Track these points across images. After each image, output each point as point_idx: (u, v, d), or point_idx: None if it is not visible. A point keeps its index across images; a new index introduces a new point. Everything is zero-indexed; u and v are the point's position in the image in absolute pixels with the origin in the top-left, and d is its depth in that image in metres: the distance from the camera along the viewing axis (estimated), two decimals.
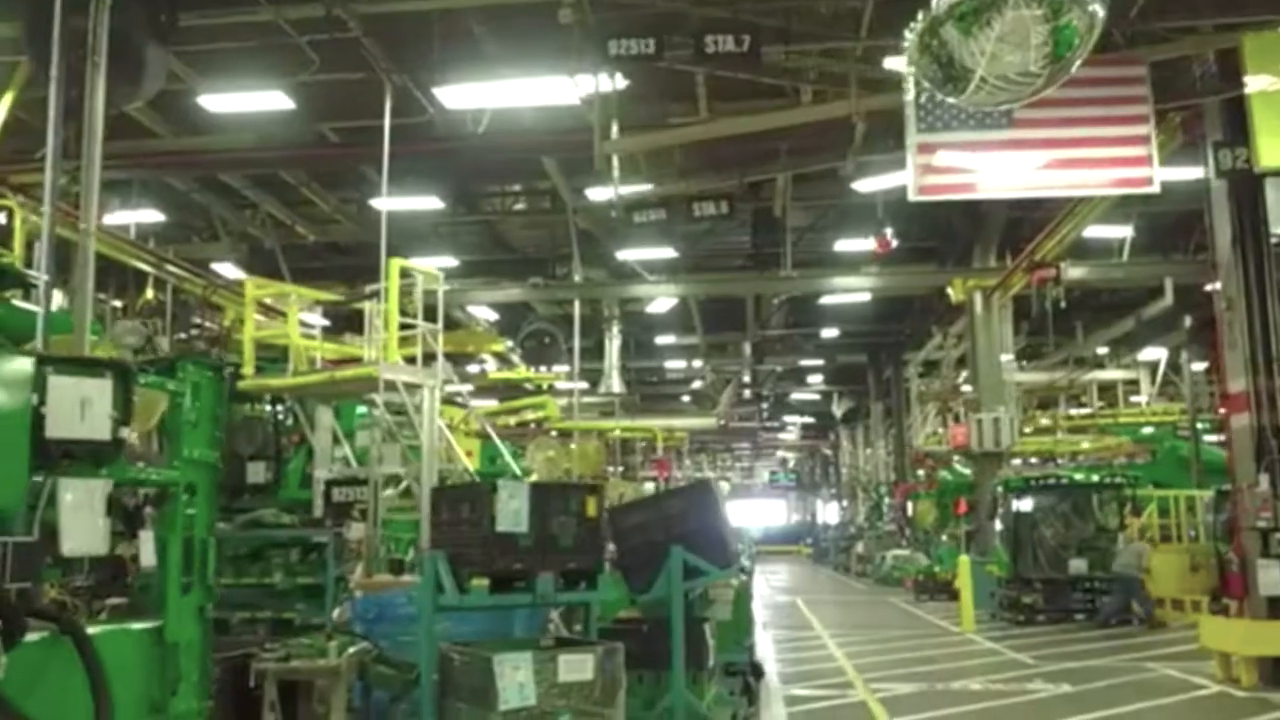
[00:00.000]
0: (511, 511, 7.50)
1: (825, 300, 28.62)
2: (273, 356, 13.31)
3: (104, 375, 3.21)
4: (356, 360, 13.20)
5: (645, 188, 14.52)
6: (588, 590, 7.85)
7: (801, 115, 13.86)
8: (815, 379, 42.41)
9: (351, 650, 8.26)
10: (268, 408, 12.76)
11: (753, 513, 58.93)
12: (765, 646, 15.90)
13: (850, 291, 25.58)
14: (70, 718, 2.78)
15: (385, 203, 16.03)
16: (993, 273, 22.57)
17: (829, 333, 33.67)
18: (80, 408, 3.17)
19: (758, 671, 12.03)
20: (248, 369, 12.22)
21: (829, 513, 56.44)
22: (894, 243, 18.47)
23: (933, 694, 11.84)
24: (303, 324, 14.26)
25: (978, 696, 11.66)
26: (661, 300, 27.32)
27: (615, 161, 13.37)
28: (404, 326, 12.37)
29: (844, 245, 23.77)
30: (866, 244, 23.69)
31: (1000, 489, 20.41)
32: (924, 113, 12.00)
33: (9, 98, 12.84)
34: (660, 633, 8.65)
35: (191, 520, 5.63)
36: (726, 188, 15.77)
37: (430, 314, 12.72)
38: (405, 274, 12.54)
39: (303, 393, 12.83)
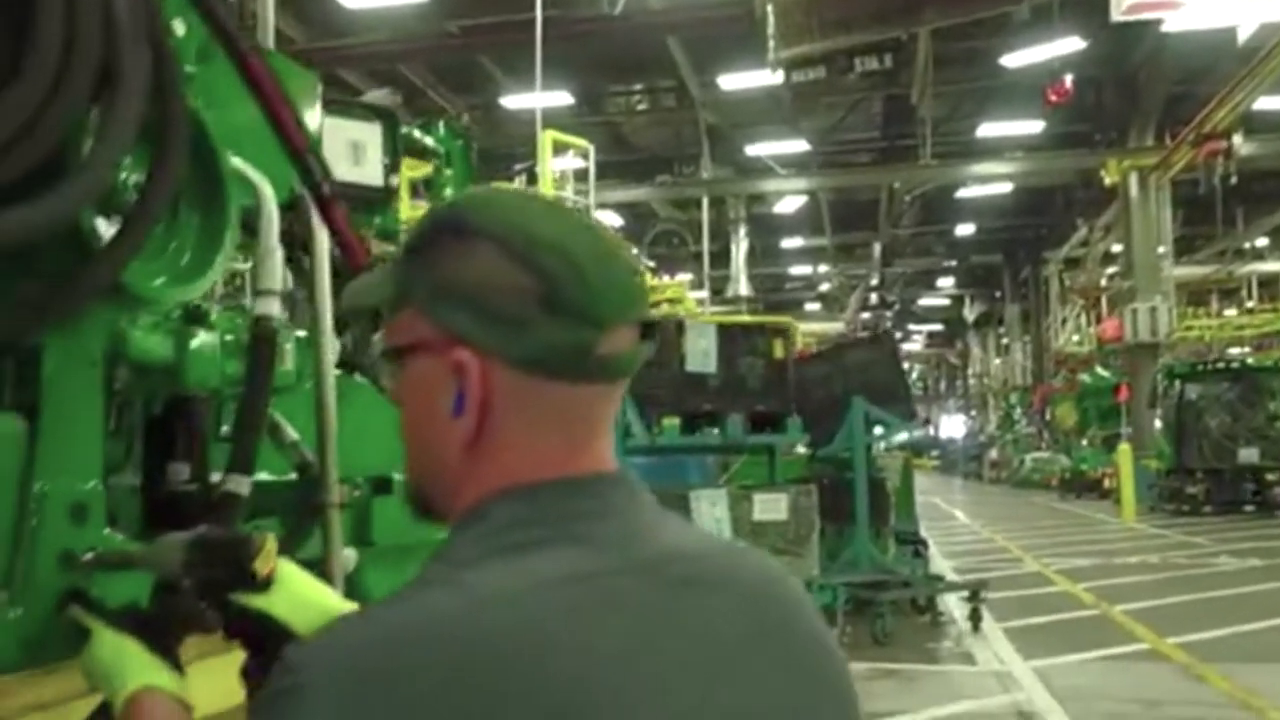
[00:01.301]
0: (700, 351, 7.35)
1: (961, 194, 27.53)
2: None
3: (374, 120, 3.03)
4: None
5: (802, 49, 13.92)
6: (775, 433, 7.70)
7: None
8: (945, 283, 41.10)
9: None
10: None
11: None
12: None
13: (992, 181, 24.51)
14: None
15: (536, 99, 15.81)
16: (1151, 151, 21.21)
17: (963, 230, 32.44)
18: (352, 151, 2.99)
19: (925, 545, 11.79)
20: None
21: (952, 425, 55.25)
22: (1070, 88, 17.12)
23: (1110, 566, 11.40)
24: None
25: (1160, 568, 11.18)
26: (789, 200, 26.70)
27: (771, 14, 12.78)
28: None
29: (987, 131, 22.66)
30: (1011, 128, 22.63)
31: (1162, 378, 19.42)
32: None
33: None
34: (840, 488, 8.47)
35: None
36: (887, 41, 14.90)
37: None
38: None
39: None
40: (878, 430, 8.79)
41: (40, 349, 1.37)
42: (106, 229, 1.13)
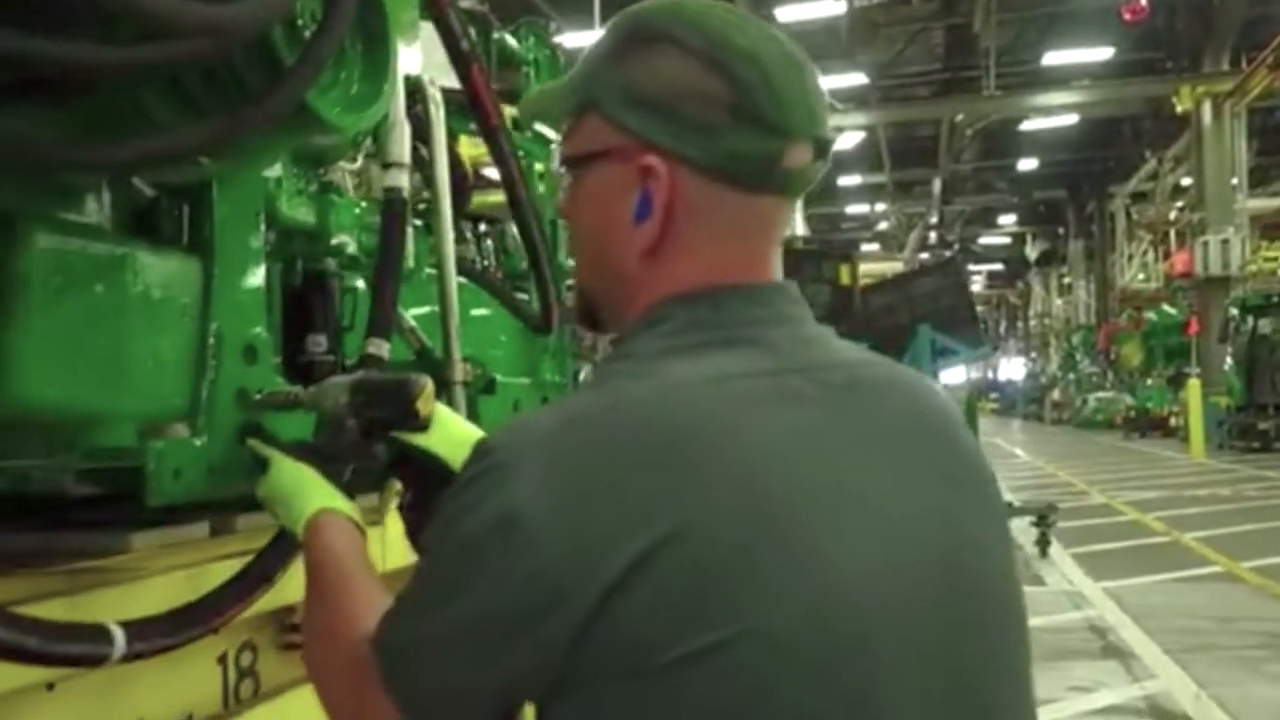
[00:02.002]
0: None
1: (1025, 127, 26.86)
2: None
3: (469, 26, 3.05)
4: None
5: None
6: None
7: None
8: (1007, 220, 40.29)
9: None
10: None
11: None
12: None
13: (1057, 112, 23.85)
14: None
15: (595, 36, 15.74)
16: (1226, 77, 20.46)
17: (1026, 165, 31.68)
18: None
19: None
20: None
21: (1012, 368, 54.47)
22: (1146, 6, 16.44)
23: (1179, 498, 11.28)
24: None
25: (1231, 500, 11.03)
26: (847, 136, 26.23)
27: None
28: None
29: (1053, 59, 22.00)
30: (1079, 55, 21.97)
31: (1235, 311, 18.94)
32: None
33: None
34: None
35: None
36: None
37: None
38: None
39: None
40: (945, 358, 8.74)
41: (210, 195, 1.46)
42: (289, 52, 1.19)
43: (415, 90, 2.02)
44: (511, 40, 4.05)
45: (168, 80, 1.10)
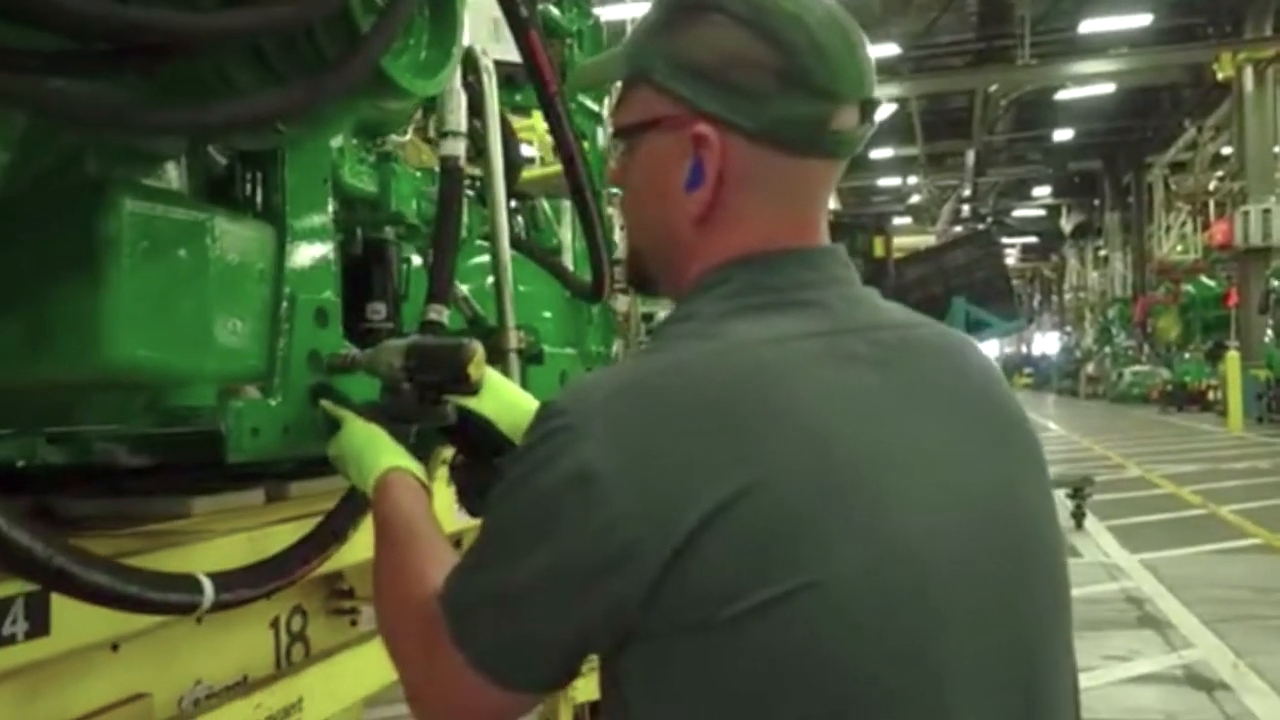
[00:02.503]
0: None
1: (1060, 97, 26.47)
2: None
3: None
4: None
5: None
6: None
7: None
8: (1041, 192, 39.76)
9: None
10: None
11: None
12: None
13: (1094, 81, 23.47)
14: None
15: (627, 10, 15.60)
16: (1270, 42, 20.05)
17: (1061, 136, 31.23)
18: (494, 27, 3.04)
19: None
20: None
21: (1046, 343, 53.93)
22: None
23: (1217, 472, 11.17)
24: None
25: (1270, 473, 10.92)
26: (880, 108, 26.01)
27: None
28: None
29: (1090, 27, 21.63)
30: (1116, 23, 21.59)
31: (1276, 283, 18.64)
32: None
33: None
34: None
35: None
36: None
37: None
38: None
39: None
40: (979, 330, 8.71)
41: (281, 164, 1.51)
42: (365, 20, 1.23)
43: (468, 61, 2.05)
44: (555, 11, 4.06)
45: (249, 48, 1.15)
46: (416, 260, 2.09)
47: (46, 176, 1.22)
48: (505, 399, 1.26)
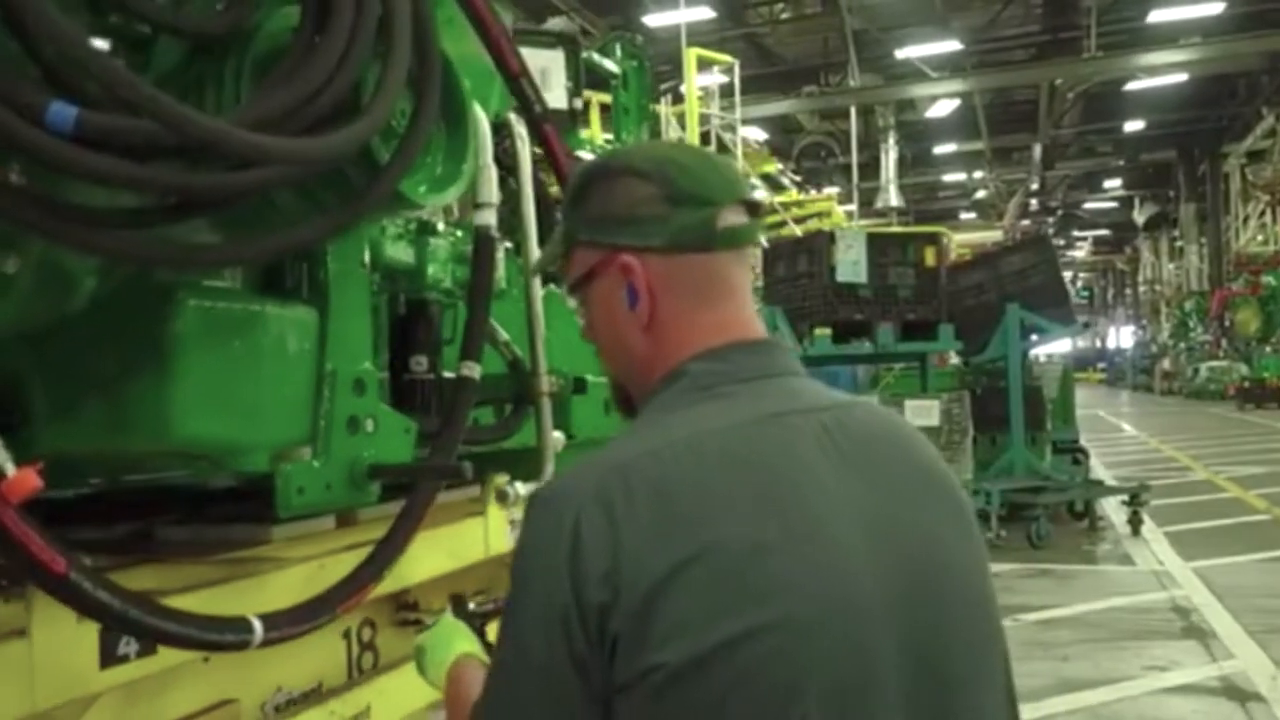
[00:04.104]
0: (850, 261, 7.45)
1: (1130, 88, 25.86)
2: None
3: (557, 47, 3.30)
4: None
5: None
6: (927, 340, 7.75)
7: None
8: (1113, 184, 38.88)
9: None
10: None
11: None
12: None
13: (1165, 72, 22.91)
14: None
15: (680, 15, 15.80)
16: None
17: (1132, 126, 30.52)
18: (540, 77, 3.27)
19: (1085, 454, 11.59)
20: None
21: (1121, 337, 52.67)
22: None
23: None
24: None
25: None
26: (941, 104, 25.72)
27: None
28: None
29: (1160, 16, 21.14)
30: (1187, 11, 21.07)
31: None
32: None
33: None
34: (993, 396, 8.45)
35: None
36: None
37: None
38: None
39: None
40: (1034, 337, 8.69)
41: (324, 254, 1.72)
42: (384, 149, 1.44)
43: (503, 128, 2.25)
44: (599, 57, 4.28)
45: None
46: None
47: (124, 286, 1.45)
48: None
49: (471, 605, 1.44)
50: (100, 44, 1.32)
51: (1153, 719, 3.78)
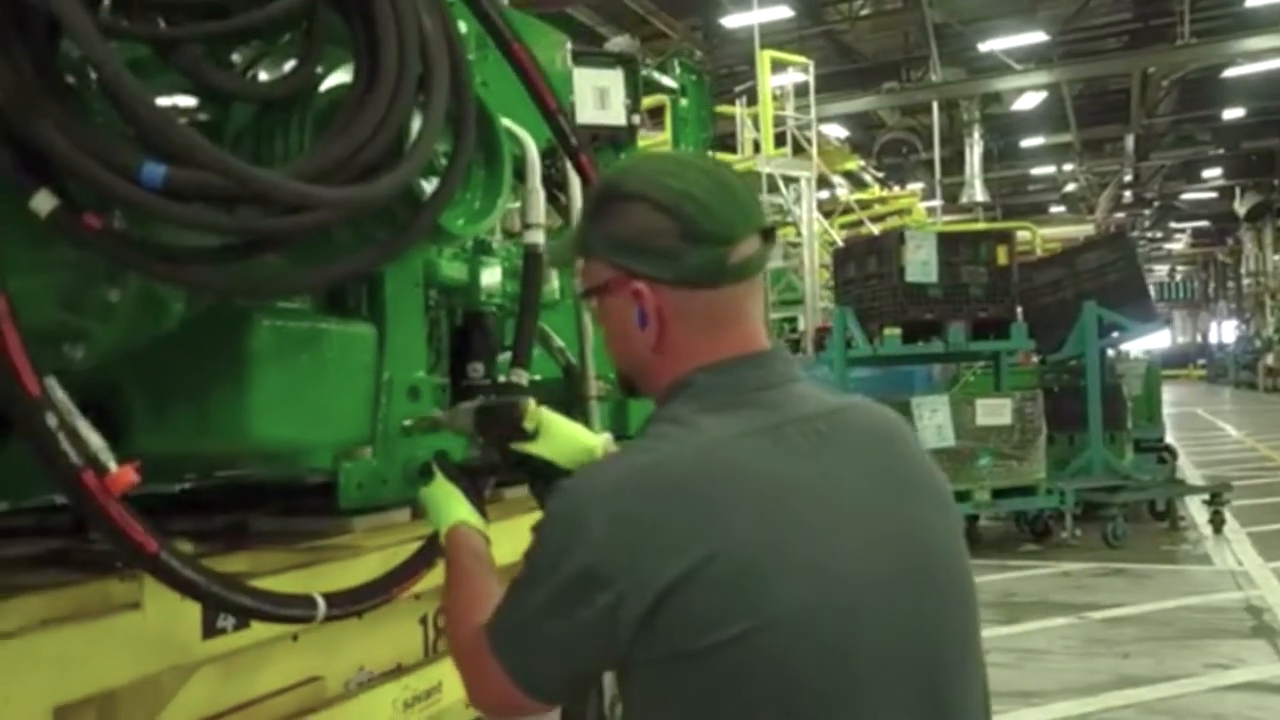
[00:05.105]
0: (920, 262, 7.47)
1: (1229, 74, 24.94)
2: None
3: (616, 67, 3.50)
4: None
5: None
6: (999, 340, 7.73)
7: None
8: (1212, 173, 37.46)
9: None
10: None
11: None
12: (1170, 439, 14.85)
13: (1267, 57, 22.02)
14: None
15: (754, 16, 15.90)
16: None
17: (1232, 114, 29.41)
18: (599, 96, 3.48)
19: (1171, 452, 11.32)
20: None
21: (1223, 332, 50.68)
22: None
23: None
24: None
25: None
26: (1028, 97, 25.19)
27: None
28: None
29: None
30: None
31: None
32: None
33: None
34: (1070, 395, 8.37)
35: None
36: None
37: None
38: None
39: None
40: (1114, 334, 8.57)
41: (382, 276, 1.94)
42: (427, 186, 1.64)
43: (553, 150, 2.44)
44: (657, 75, 4.48)
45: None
46: None
47: (207, 309, 1.68)
48: (561, 440, 1.56)
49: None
50: (189, 100, 1.56)
51: (1207, 715, 3.79)
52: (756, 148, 12.45)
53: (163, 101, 1.47)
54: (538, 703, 1.15)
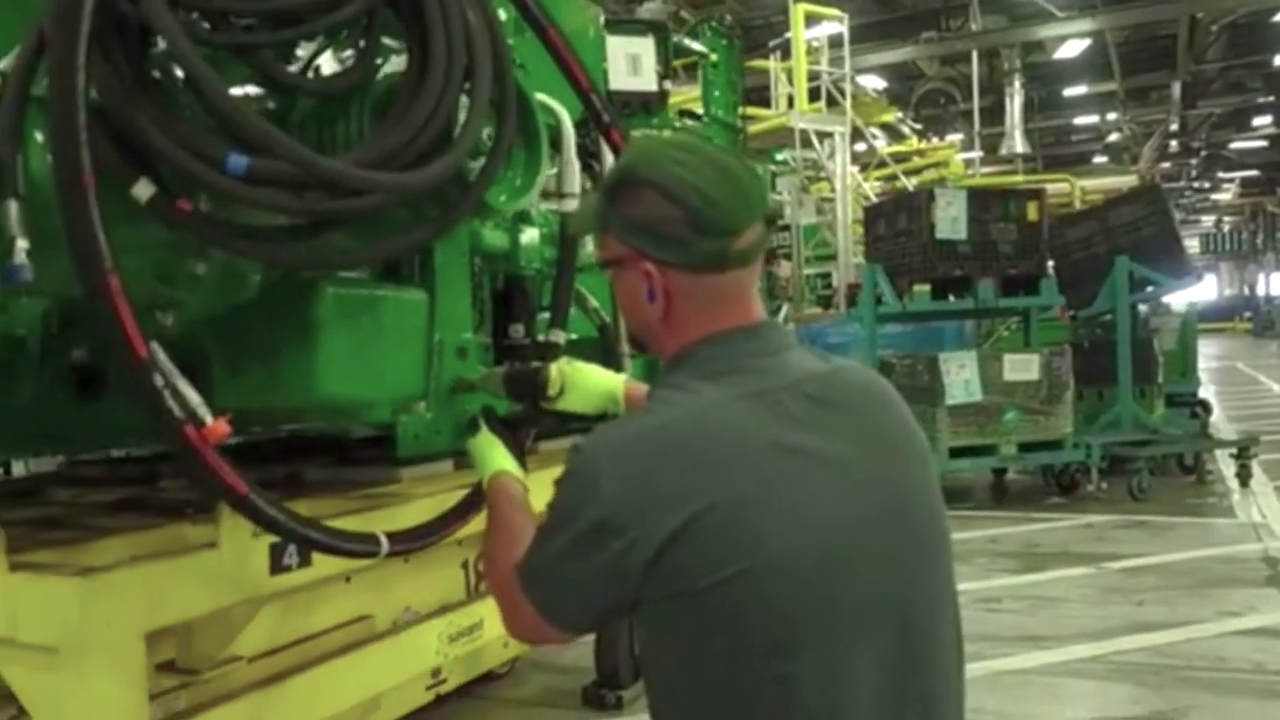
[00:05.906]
0: (950, 218, 7.52)
1: None
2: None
3: (647, 34, 3.65)
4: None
5: None
6: (1028, 296, 7.78)
7: None
8: (1262, 121, 36.55)
9: None
10: None
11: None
12: (1206, 394, 14.77)
13: None
14: None
15: None
16: None
17: None
18: (631, 63, 3.64)
19: (1205, 407, 11.32)
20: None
21: (1271, 283, 49.72)
22: None
23: None
24: None
25: None
26: (1070, 44, 24.70)
27: None
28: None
29: None
30: None
31: None
32: None
33: None
34: (1102, 349, 8.40)
35: None
36: None
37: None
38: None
39: None
40: (1147, 290, 8.57)
41: (432, 247, 2.12)
42: (474, 166, 1.81)
43: (587, 120, 2.60)
44: (688, 41, 4.61)
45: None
46: None
47: (280, 280, 1.88)
48: (585, 391, 1.77)
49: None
50: (258, 90, 1.75)
51: (1214, 657, 3.94)
52: (790, 102, 12.45)
53: (235, 92, 1.66)
54: (563, 633, 1.32)
